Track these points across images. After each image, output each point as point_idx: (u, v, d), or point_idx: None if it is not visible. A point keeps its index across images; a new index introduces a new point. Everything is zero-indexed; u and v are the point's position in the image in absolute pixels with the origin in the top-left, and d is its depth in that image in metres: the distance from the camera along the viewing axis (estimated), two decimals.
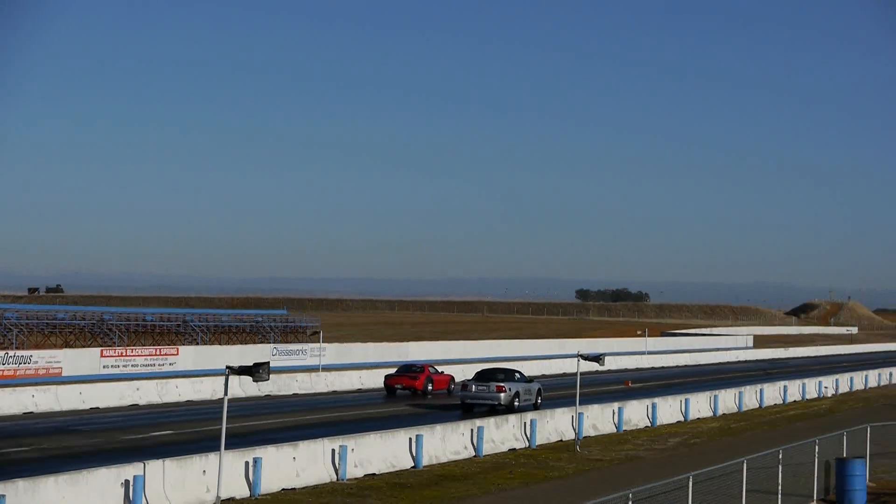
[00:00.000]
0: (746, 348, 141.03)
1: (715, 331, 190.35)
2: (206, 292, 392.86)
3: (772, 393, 64.72)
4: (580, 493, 30.47)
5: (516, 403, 52.86)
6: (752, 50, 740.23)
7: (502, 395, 52.67)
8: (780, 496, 28.97)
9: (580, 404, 44.38)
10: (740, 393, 60.67)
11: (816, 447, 31.56)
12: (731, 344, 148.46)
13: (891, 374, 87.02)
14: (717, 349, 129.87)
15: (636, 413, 50.43)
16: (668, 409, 52.98)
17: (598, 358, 43.58)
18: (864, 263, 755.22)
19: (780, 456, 29.21)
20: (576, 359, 44.55)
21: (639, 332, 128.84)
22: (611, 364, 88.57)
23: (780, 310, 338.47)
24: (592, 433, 45.92)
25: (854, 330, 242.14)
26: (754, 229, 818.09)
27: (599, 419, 47.37)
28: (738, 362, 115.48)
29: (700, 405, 56.01)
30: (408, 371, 65.32)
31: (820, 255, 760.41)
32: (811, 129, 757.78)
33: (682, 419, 53.47)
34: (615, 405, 49.12)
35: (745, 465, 26.84)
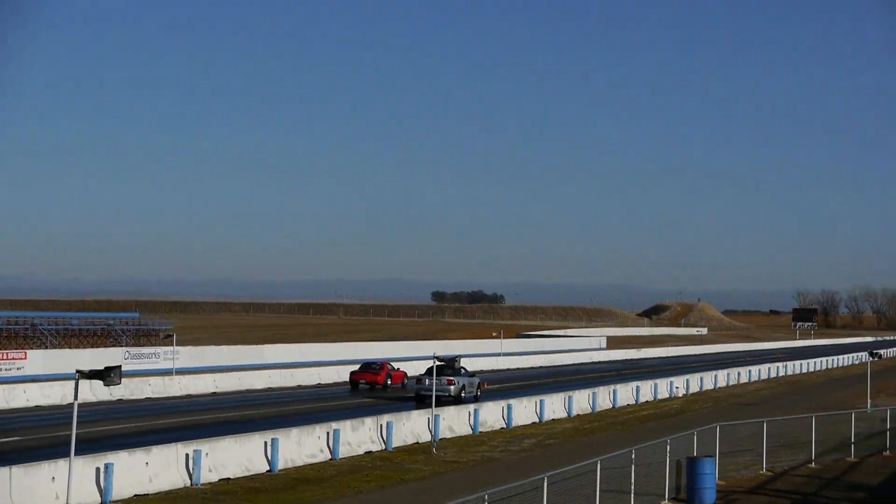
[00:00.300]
0: (600, 349, 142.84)
1: (569, 332, 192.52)
2: (56, 295, 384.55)
3: (625, 393, 65.72)
4: (436, 495, 30.54)
5: (463, 394, 60.49)
6: (580, 49, 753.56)
7: (452, 387, 60.22)
8: (632, 495, 29.36)
9: (437, 406, 44.48)
10: (594, 394, 61.45)
11: (668, 447, 32.09)
12: (585, 345, 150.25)
13: (739, 374, 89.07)
14: (572, 350, 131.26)
15: (492, 414, 50.71)
16: (524, 411, 53.41)
17: (453, 360, 43.79)
18: (713, 265, 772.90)
19: (633, 456, 29.61)
20: (432, 361, 44.67)
21: (494, 334, 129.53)
22: (467, 366, 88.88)
23: (632, 311, 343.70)
24: (449, 435, 46.04)
25: (704, 331, 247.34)
26: (607, 231, 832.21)
27: (455, 421, 47.54)
28: (592, 363, 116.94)
29: (555, 406, 56.57)
30: (369, 368, 72.45)
31: (671, 258, 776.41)
32: (666, 128, 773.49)
33: (537, 420, 53.96)
34: (471, 407, 49.35)
35: (598, 465, 27.13)
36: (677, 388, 73.91)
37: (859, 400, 65.16)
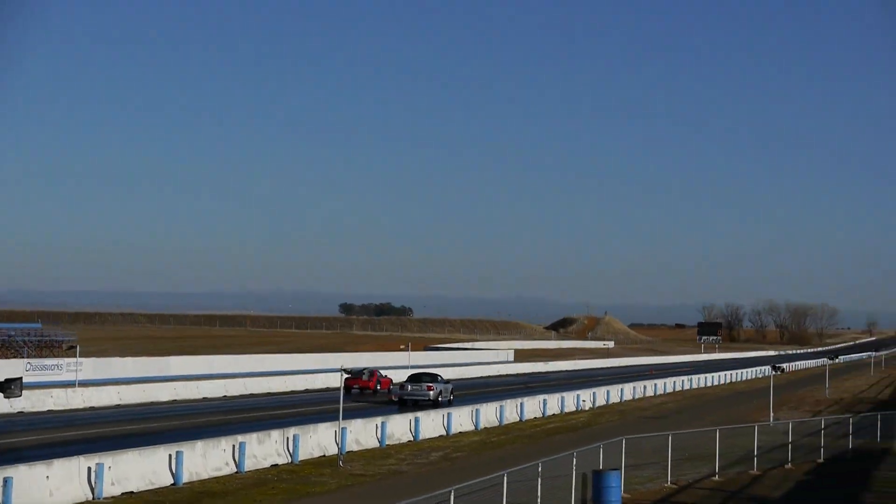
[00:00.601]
0: (508, 362, 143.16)
1: (477, 345, 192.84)
2: None
3: (532, 406, 65.97)
4: None
5: (440, 398, 68.19)
6: (500, 53, 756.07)
7: (431, 392, 68.31)
8: None
9: (343, 419, 44.33)
10: (501, 407, 61.61)
11: (574, 460, 32.19)
12: (493, 358, 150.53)
13: (645, 388, 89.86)
14: (479, 363, 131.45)
15: (399, 427, 50.64)
16: (431, 424, 53.40)
17: (360, 372, 43.57)
18: (619, 279, 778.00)
19: (540, 469, 29.69)
20: (339, 373, 44.51)
21: (402, 347, 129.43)
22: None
23: (540, 324, 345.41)
24: (356, 448, 45.90)
25: (611, 344, 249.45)
26: (515, 244, 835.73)
27: (363, 434, 47.41)
28: (500, 376, 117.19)
29: (462, 419, 56.63)
30: (361, 375, 77.37)
31: (578, 271, 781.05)
32: (570, 140, 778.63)
33: (444, 433, 53.97)
34: (378, 419, 49.23)
35: (505, 478, 27.15)
36: (584, 401, 74.37)
37: (762, 413, 66.14)
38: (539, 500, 29.44)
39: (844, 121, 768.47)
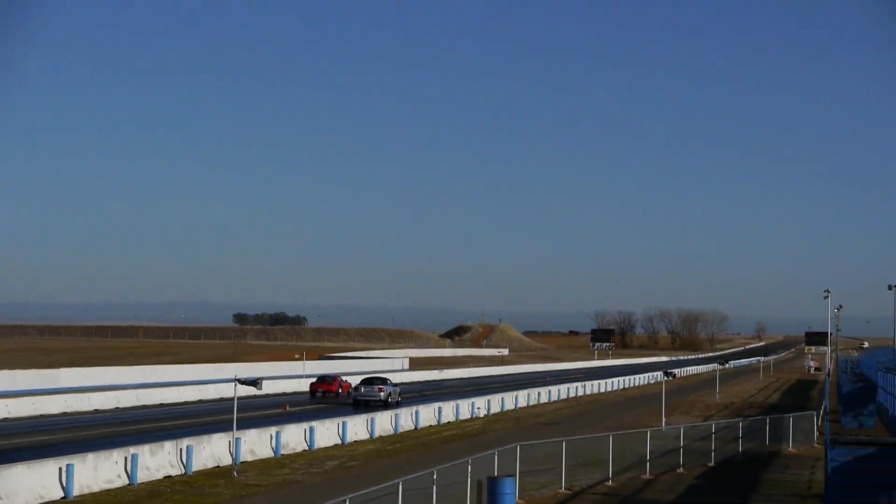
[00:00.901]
0: (403, 370, 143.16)
1: (372, 353, 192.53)
2: None
3: (427, 414, 66.06)
4: None
5: (389, 399, 77.18)
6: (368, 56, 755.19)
7: (381, 393, 77.66)
8: None
9: (238, 429, 44.01)
10: (396, 415, 61.61)
11: (469, 467, 32.33)
12: (388, 366, 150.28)
13: (539, 394, 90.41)
14: (375, 372, 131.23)
15: (294, 437, 50.40)
16: (326, 433, 53.22)
17: (255, 382, 43.29)
18: (513, 287, 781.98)
19: (435, 476, 29.76)
20: (233, 383, 44.19)
21: (297, 356, 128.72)
22: (269, 388, 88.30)
23: (435, 332, 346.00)
24: (250, 458, 45.59)
25: (505, 351, 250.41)
26: (409, 252, 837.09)
27: (257, 444, 47.10)
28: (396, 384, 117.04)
29: (357, 428, 56.52)
30: (324, 380, 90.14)
31: (472, 279, 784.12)
32: (461, 147, 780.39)
33: (339, 442, 53.82)
34: (273, 429, 48.95)
35: (400, 486, 27.19)
36: (479, 408, 74.63)
37: (654, 418, 66.88)
38: None
39: (730, 125, 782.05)
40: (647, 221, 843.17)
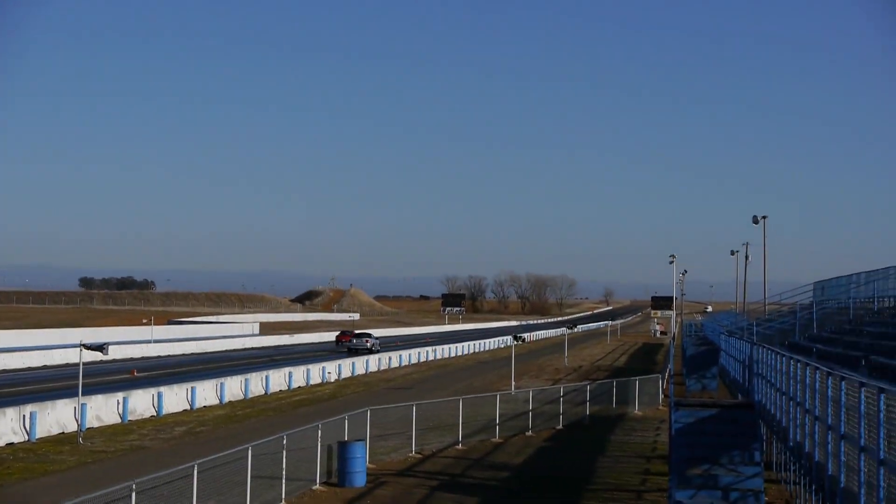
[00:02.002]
0: (253, 335, 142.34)
1: (222, 318, 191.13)
2: None
3: (278, 379, 65.78)
4: (81, 486, 29.51)
5: (373, 348, 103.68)
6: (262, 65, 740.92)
7: (368, 343, 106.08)
8: (284, 481, 29.40)
9: (83, 395, 43.21)
10: (246, 380, 61.21)
11: (319, 431, 32.29)
12: (238, 331, 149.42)
13: (390, 359, 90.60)
14: (224, 337, 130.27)
15: (142, 402, 49.73)
16: (175, 398, 52.62)
17: (101, 347, 42.53)
18: (364, 252, 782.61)
19: (285, 441, 29.66)
20: (79, 348, 43.36)
21: (144, 321, 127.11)
22: (116, 353, 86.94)
23: (286, 297, 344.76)
24: (97, 424, 44.85)
25: (356, 316, 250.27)
26: (259, 217, 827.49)
27: (104, 410, 46.34)
28: (245, 349, 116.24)
29: (207, 393, 56.03)
30: (345, 333, 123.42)
31: (323, 244, 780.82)
32: (313, 118, 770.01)
33: (188, 407, 53.29)
34: (120, 395, 48.23)
35: (249, 451, 27.02)
36: (330, 373, 74.55)
37: (504, 382, 67.65)
38: (284, 473, 29.41)
39: (576, 94, 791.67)
40: (496, 188, 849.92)
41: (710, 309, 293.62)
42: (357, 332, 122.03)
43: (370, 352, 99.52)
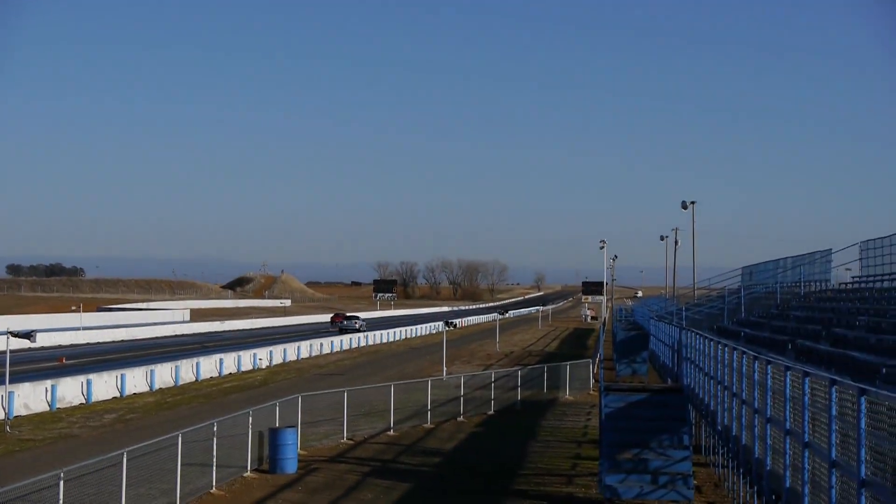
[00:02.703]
0: (183, 322, 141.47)
1: (152, 305, 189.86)
2: None
3: (208, 366, 65.50)
4: (9, 475, 29.23)
5: (361, 328, 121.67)
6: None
7: (357, 323, 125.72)
8: (214, 468, 29.30)
9: (11, 383, 42.77)
10: (177, 367, 60.88)
11: (250, 418, 32.22)
12: (169, 318, 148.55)
13: (322, 345, 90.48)
14: (155, 324, 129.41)
15: (70, 390, 49.31)
16: (104, 386, 52.24)
17: (29, 335, 42.11)
18: (295, 238, 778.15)
19: (216, 428, 29.55)
20: (5, 336, 42.90)
21: (74, 308, 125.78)
22: (44, 341, 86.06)
23: (216, 283, 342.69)
24: (24, 412, 44.45)
25: (287, 302, 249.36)
26: (189, 201, 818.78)
27: (31, 398, 45.91)
28: (176, 336, 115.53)
29: (137, 380, 55.67)
30: (338, 315, 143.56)
31: (254, 230, 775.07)
32: (248, 100, 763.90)
33: (118, 395, 52.93)
34: (48, 383, 47.81)
35: (180, 438, 26.90)
36: (261, 359, 74.33)
37: (436, 368, 67.81)
38: (215, 460, 29.30)
39: (506, 75, 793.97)
40: (428, 172, 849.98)
41: (640, 294, 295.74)
42: (348, 314, 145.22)
43: (358, 331, 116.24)
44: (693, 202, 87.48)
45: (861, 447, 14.05)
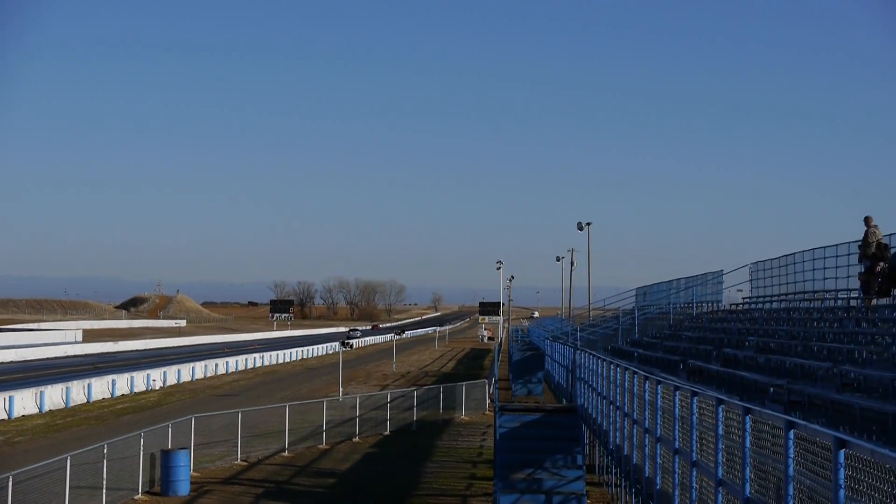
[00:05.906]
0: (76, 343, 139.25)
1: (43, 325, 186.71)
2: None
3: (100, 387, 64.58)
4: None
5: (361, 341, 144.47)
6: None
7: (357, 334, 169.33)
8: (104, 491, 28.90)
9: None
10: (68, 388, 59.97)
11: (142, 440, 31.85)
12: (60, 339, 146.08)
13: (217, 366, 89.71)
14: (46, 344, 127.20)
15: None
16: None
17: (354, 331, 41.31)
18: (190, 258, 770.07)
19: (106, 450, 29.17)
20: None
21: None
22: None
23: (110, 303, 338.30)
24: None
25: (183, 323, 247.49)
26: (83, 220, 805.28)
27: None
28: (67, 357, 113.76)
29: (25, 402, 54.73)
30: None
31: (149, 249, 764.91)
32: (199, 116, 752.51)
33: (6, 417, 52.01)
34: None
35: (68, 461, 26.51)
36: (154, 380, 73.48)
37: (332, 388, 67.56)
38: (105, 482, 28.91)
39: (397, 100, 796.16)
40: (323, 192, 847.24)
41: (536, 315, 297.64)
42: (352, 328, 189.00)
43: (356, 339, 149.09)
44: (589, 223, 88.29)
45: (746, 466, 14.25)
